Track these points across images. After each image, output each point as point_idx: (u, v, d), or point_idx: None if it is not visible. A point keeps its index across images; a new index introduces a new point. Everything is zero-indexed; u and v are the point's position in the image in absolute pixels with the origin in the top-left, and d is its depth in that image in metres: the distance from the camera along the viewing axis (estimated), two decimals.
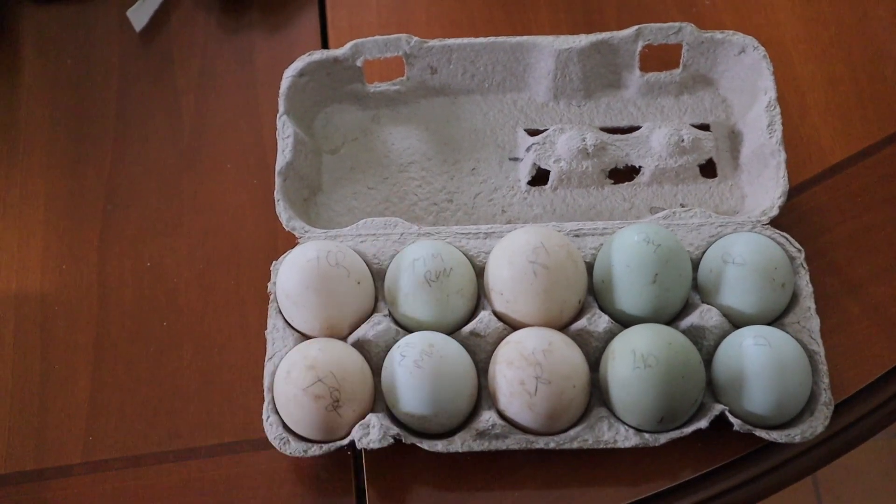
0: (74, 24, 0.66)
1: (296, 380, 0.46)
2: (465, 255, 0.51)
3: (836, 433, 0.51)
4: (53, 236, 0.58)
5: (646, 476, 0.50)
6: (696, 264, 0.51)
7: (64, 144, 0.62)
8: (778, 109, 0.54)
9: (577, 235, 0.52)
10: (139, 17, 0.64)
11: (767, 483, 0.51)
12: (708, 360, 0.49)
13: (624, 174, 0.57)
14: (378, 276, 0.52)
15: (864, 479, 1.25)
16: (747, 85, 0.57)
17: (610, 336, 0.49)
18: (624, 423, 0.48)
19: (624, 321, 0.50)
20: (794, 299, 0.50)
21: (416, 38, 0.57)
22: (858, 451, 0.53)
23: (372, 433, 0.46)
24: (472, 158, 0.58)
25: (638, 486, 0.50)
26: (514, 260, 0.48)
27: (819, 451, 0.51)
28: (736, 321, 0.49)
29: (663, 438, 0.47)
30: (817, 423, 0.47)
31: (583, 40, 0.57)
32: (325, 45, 0.64)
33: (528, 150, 0.57)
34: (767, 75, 0.55)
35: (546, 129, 0.57)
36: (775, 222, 0.52)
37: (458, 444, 0.47)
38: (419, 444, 0.47)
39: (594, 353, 0.49)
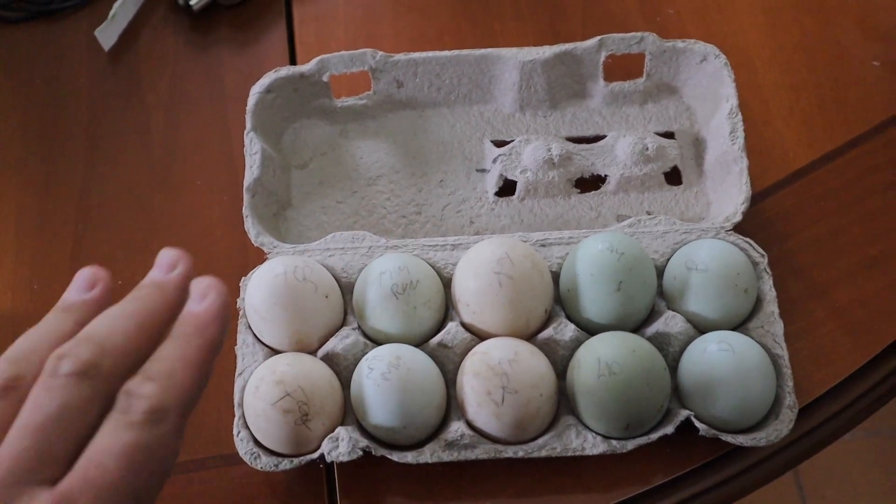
0: (43, 45, 0.66)
1: (264, 395, 0.47)
2: (433, 266, 0.52)
3: (803, 435, 0.51)
4: (25, 256, 0.59)
5: (616, 482, 0.50)
6: (661, 271, 0.52)
7: (34, 164, 0.62)
8: (740, 116, 0.55)
9: (543, 245, 0.53)
10: (107, 36, 0.65)
11: (737, 486, 0.51)
12: (674, 367, 0.50)
13: (590, 183, 0.58)
14: (347, 289, 0.52)
15: (848, 479, 1.26)
16: (710, 92, 0.58)
17: (576, 344, 0.49)
18: (591, 430, 0.48)
19: (590, 329, 0.50)
20: (758, 304, 0.51)
21: (381, 53, 0.58)
22: (841, 451, 0.54)
23: (341, 446, 0.47)
24: (440, 170, 0.59)
25: (609, 493, 0.50)
26: (480, 271, 0.49)
27: (786, 454, 0.51)
28: (701, 327, 0.50)
29: (631, 445, 0.48)
30: (782, 426, 0.48)
31: (546, 52, 0.57)
32: (293, 62, 0.65)
33: (494, 161, 0.57)
34: (729, 83, 0.56)
35: (512, 140, 0.58)
36: (740, 228, 0.53)
37: (427, 455, 0.48)
38: (389, 456, 0.48)
39: (561, 361, 0.50)
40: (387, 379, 0.47)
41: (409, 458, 0.48)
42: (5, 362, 0.37)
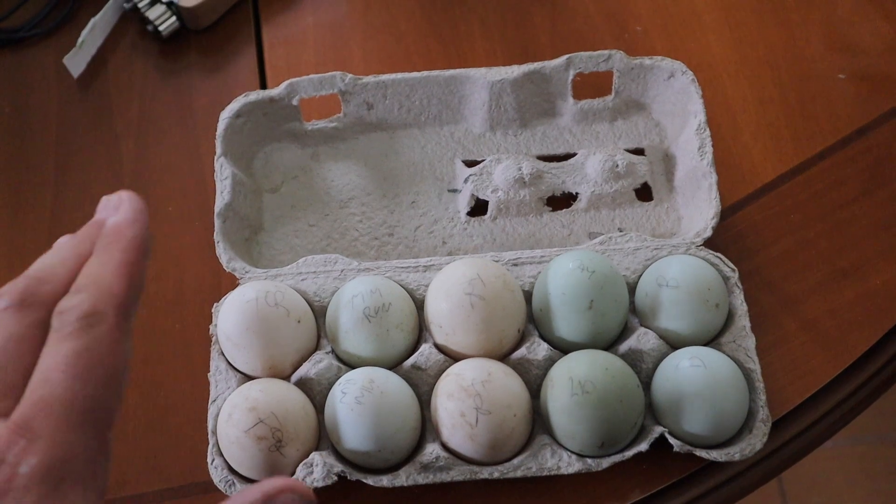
0: (11, 72, 0.66)
1: (238, 422, 0.46)
2: (405, 288, 0.52)
3: (778, 448, 0.52)
4: None
5: (593, 500, 0.50)
6: (632, 288, 0.52)
7: (3, 193, 0.61)
8: (708, 132, 0.55)
9: (515, 264, 0.53)
10: (76, 63, 0.64)
11: (714, 500, 0.51)
12: (647, 383, 0.50)
13: (562, 201, 0.58)
14: (319, 313, 0.52)
15: (831, 486, 1.26)
16: (678, 108, 0.58)
17: (550, 363, 0.49)
18: (567, 449, 0.48)
19: (563, 348, 0.50)
20: (729, 318, 0.51)
21: (350, 76, 0.58)
22: (825, 457, 0.54)
23: (315, 472, 0.47)
24: (412, 192, 0.59)
25: None
26: (452, 292, 0.49)
27: (761, 467, 0.52)
28: (673, 343, 0.50)
29: (606, 463, 0.48)
30: (756, 441, 0.48)
31: (515, 71, 0.57)
32: (263, 85, 0.65)
33: (466, 181, 0.58)
34: (696, 99, 0.56)
35: (483, 160, 0.58)
36: (711, 243, 0.53)
37: (403, 478, 0.47)
38: (364, 481, 0.47)
39: (535, 380, 0.50)
40: (360, 403, 0.46)
41: (384, 481, 0.47)
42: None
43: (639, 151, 0.59)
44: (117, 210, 0.39)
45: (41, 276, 0.36)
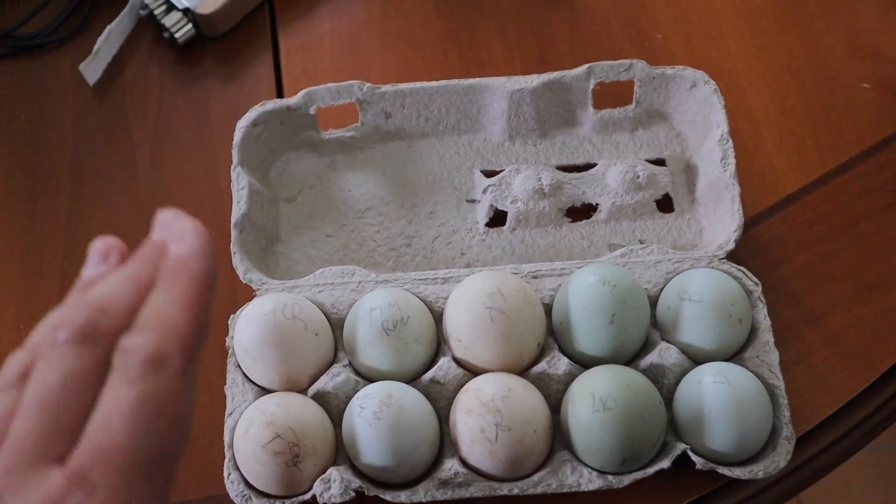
0: (26, 80, 0.66)
1: (254, 437, 0.46)
2: (424, 301, 0.51)
3: (801, 465, 0.51)
4: (10, 296, 0.58)
5: None
6: (654, 301, 0.51)
7: (19, 202, 0.61)
8: (731, 143, 0.54)
9: (535, 277, 0.52)
10: (92, 71, 0.64)
11: None
12: (669, 399, 0.49)
13: (581, 212, 0.57)
14: (337, 325, 0.51)
15: (848, 495, 1.25)
16: (700, 118, 0.57)
17: (570, 378, 0.49)
18: (587, 465, 0.47)
19: (584, 362, 0.49)
20: (752, 333, 0.50)
21: (368, 84, 0.57)
22: (841, 467, 0.53)
23: (333, 487, 0.46)
24: (430, 202, 0.58)
25: None
26: (471, 306, 0.48)
27: (784, 484, 0.51)
28: (696, 358, 0.49)
29: (627, 480, 0.47)
30: (780, 458, 0.47)
31: (535, 80, 0.57)
32: (280, 93, 0.64)
33: (484, 191, 0.57)
34: (719, 109, 0.55)
35: (502, 170, 0.57)
36: (733, 255, 0.52)
37: (421, 494, 0.47)
38: (382, 496, 0.47)
39: (555, 395, 0.49)
40: (379, 418, 0.46)
41: (402, 497, 0.47)
42: (24, 350, 0.34)
43: (660, 162, 0.58)
44: (181, 239, 0.36)
45: (103, 306, 0.34)
